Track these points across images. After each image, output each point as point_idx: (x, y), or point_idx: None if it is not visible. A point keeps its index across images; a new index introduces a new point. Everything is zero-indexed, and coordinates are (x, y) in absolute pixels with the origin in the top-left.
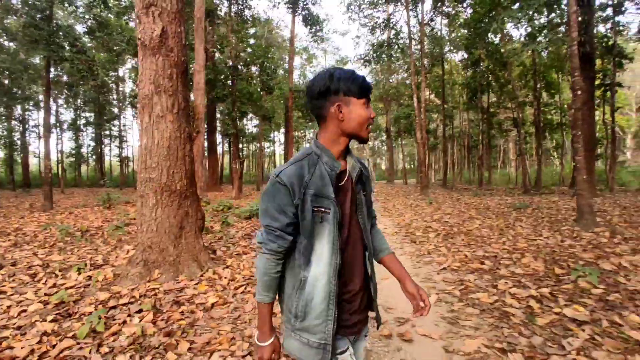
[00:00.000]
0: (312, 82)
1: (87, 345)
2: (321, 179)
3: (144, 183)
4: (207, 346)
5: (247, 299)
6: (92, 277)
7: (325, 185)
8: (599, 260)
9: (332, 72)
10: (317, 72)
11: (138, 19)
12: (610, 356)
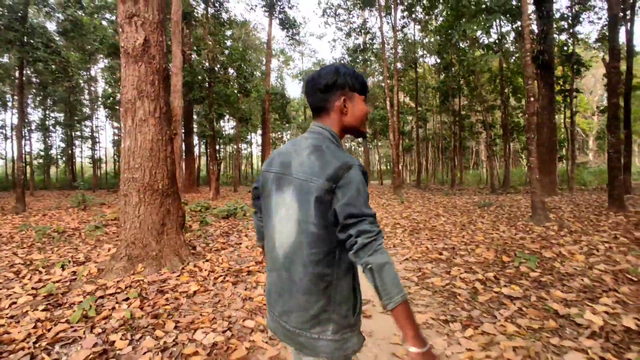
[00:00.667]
0: (317, 75)
1: (81, 328)
2: None
3: (127, 183)
4: (191, 325)
5: (226, 287)
6: (76, 272)
7: None
8: (542, 250)
9: (338, 67)
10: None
11: (121, 27)
12: (531, 322)
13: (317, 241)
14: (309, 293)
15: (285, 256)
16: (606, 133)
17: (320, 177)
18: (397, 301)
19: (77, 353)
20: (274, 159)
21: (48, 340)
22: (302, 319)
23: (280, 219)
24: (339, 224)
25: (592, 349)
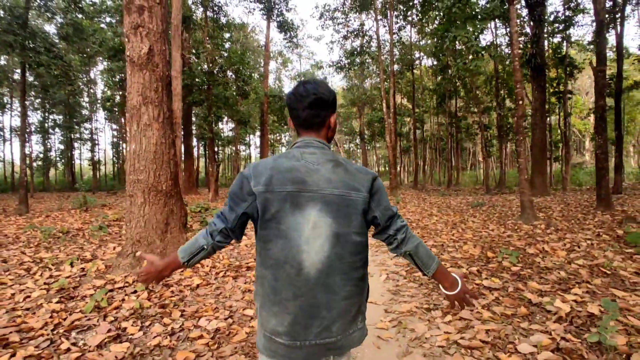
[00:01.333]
0: (322, 90)
1: (94, 317)
2: None
3: (133, 184)
4: (195, 313)
5: (227, 280)
6: (85, 269)
7: None
8: (527, 246)
9: (330, 87)
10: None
11: (127, 37)
12: (505, 309)
13: (360, 248)
14: (351, 297)
15: (318, 273)
16: (594, 135)
17: (360, 190)
18: (434, 268)
19: (93, 337)
20: (274, 177)
21: (65, 327)
22: (346, 323)
23: (307, 238)
24: (380, 226)
25: (555, 331)
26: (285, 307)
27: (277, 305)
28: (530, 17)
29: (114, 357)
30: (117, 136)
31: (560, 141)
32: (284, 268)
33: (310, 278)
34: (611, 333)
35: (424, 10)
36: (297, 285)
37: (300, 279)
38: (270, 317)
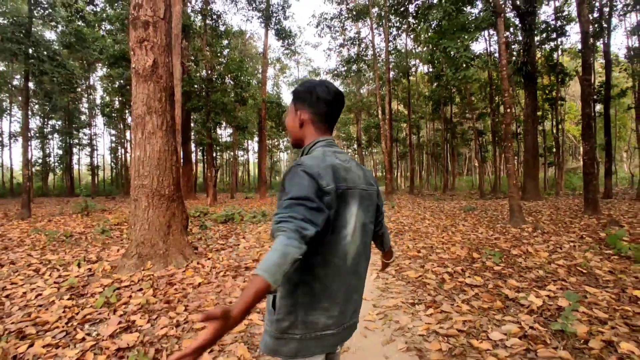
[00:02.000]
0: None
1: (105, 311)
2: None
3: (137, 189)
4: (198, 308)
5: (227, 280)
6: (92, 269)
7: None
8: (512, 248)
9: None
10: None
11: (132, 51)
12: (483, 303)
13: (373, 235)
14: (365, 279)
15: (354, 261)
16: (580, 141)
17: (374, 185)
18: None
19: (105, 329)
20: (333, 175)
21: (78, 320)
22: (361, 304)
23: (352, 229)
24: (378, 217)
25: (525, 321)
26: (334, 299)
27: (327, 300)
28: (521, 26)
29: (126, 345)
30: (116, 142)
31: (554, 147)
32: (334, 262)
33: (349, 266)
34: (572, 322)
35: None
36: (343, 276)
37: (345, 269)
38: (320, 316)
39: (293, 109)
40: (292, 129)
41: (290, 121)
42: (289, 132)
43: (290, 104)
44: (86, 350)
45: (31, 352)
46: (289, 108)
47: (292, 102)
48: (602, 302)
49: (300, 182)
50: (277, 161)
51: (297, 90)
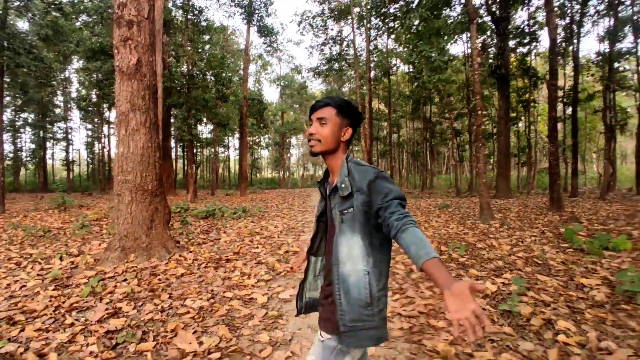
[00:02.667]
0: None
1: (91, 300)
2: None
3: (121, 184)
4: (181, 296)
5: (209, 270)
6: (74, 262)
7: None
8: (477, 242)
9: None
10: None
11: (117, 49)
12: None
13: None
14: None
15: None
16: (547, 143)
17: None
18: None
19: (93, 315)
20: None
21: (65, 308)
22: None
23: None
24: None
25: (478, 304)
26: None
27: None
28: (496, 31)
29: (114, 327)
30: (92, 136)
31: (526, 147)
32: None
33: None
34: (517, 303)
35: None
36: None
37: None
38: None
39: (339, 123)
40: (331, 139)
41: (331, 133)
42: (325, 139)
43: (334, 114)
44: (76, 334)
45: (23, 336)
46: (333, 119)
47: (338, 113)
48: (550, 288)
49: (395, 185)
50: (258, 158)
51: (354, 110)
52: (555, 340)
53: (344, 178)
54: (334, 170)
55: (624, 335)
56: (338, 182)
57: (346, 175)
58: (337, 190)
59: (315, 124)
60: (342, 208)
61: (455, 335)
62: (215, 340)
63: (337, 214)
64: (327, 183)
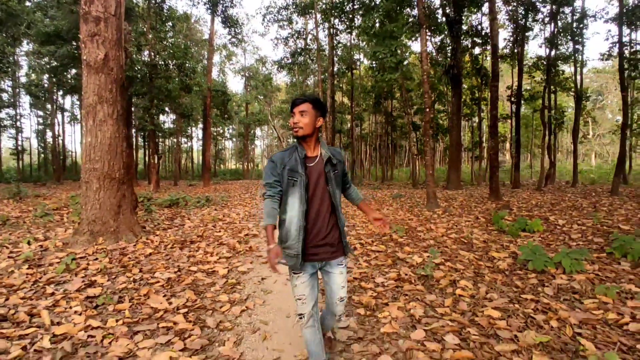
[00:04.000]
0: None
1: (66, 275)
2: (295, 160)
3: (89, 172)
4: (150, 270)
5: (175, 250)
6: (42, 246)
7: (297, 164)
8: (419, 226)
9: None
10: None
11: (84, 44)
12: (378, 262)
13: None
14: None
15: None
16: (488, 138)
17: None
18: (263, 223)
19: (71, 285)
20: None
21: (43, 282)
22: None
23: None
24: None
25: (403, 271)
26: None
27: None
28: (450, 33)
29: (93, 294)
30: (44, 124)
31: (478, 142)
32: None
33: None
34: (431, 268)
35: (358, 25)
36: None
37: None
38: None
39: (314, 114)
40: (310, 126)
41: (310, 121)
42: (306, 126)
43: (311, 109)
44: (58, 300)
45: (10, 303)
46: (310, 111)
47: (313, 107)
48: (465, 260)
49: None
50: (222, 149)
51: (323, 105)
52: (453, 293)
53: (328, 153)
54: (310, 147)
55: (508, 290)
56: (328, 156)
57: (328, 151)
58: (330, 160)
59: (297, 115)
60: (333, 171)
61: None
62: (183, 301)
63: (332, 176)
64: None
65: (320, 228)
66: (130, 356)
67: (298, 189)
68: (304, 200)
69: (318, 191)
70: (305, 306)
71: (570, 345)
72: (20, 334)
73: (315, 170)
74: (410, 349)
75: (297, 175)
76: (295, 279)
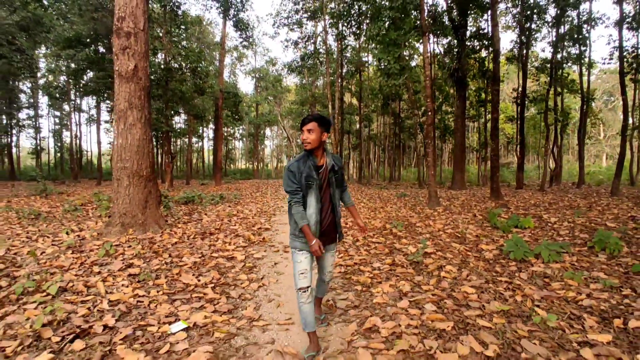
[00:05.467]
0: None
1: (107, 259)
2: (309, 168)
3: (120, 170)
4: (178, 256)
5: (197, 240)
6: (80, 235)
7: (311, 171)
8: (418, 222)
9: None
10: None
11: (116, 56)
12: (377, 251)
13: None
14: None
15: None
16: (489, 140)
17: None
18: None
19: (113, 266)
20: None
21: (88, 264)
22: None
23: None
24: None
25: (397, 258)
26: None
27: None
28: (456, 37)
29: (134, 273)
30: (59, 123)
31: (484, 143)
32: None
33: None
34: (421, 255)
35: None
36: None
37: None
38: None
39: (320, 130)
40: (317, 141)
41: (316, 137)
42: (313, 141)
43: (317, 126)
44: (106, 276)
45: (66, 279)
46: (316, 129)
47: (318, 125)
48: (455, 250)
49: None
50: (232, 149)
51: (327, 121)
52: (439, 275)
53: (333, 161)
54: (318, 156)
55: (488, 274)
56: (332, 164)
57: (332, 160)
58: (334, 168)
59: (305, 132)
60: (335, 176)
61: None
62: (209, 279)
63: (334, 181)
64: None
65: (325, 220)
66: (172, 315)
67: (314, 191)
68: (319, 199)
69: (326, 193)
70: (306, 280)
71: (526, 313)
72: (81, 300)
73: (323, 176)
74: (395, 313)
75: (312, 180)
76: (300, 256)
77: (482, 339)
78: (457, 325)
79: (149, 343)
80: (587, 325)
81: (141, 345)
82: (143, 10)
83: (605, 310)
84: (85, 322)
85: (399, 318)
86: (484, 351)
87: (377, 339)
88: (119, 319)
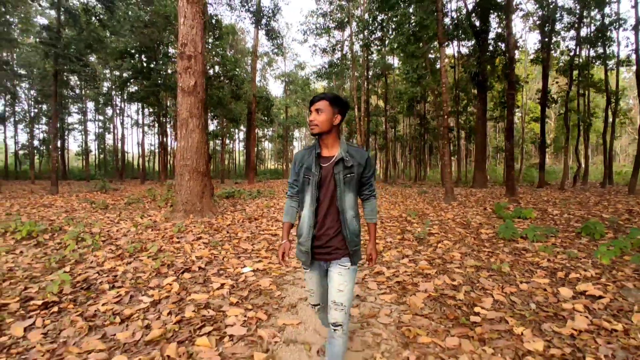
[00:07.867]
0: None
1: (180, 235)
2: (312, 159)
3: (182, 167)
4: (234, 232)
5: (245, 224)
6: (152, 218)
7: (312, 163)
8: (432, 213)
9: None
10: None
11: (179, 75)
12: (391, 232)
13: None
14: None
15: None
16: (504, 140)
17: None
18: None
19: (188, 237)
20: None
21: (167, 238)
22: None
23: None
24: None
25: (406, 237)
26: None
27: None
28: (476, 43)
29: (206, 242)
30: (102, 127)
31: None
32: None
33: None
34: (426, 234)
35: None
36: None
37: None
38: None
39: (331, 111)
40: (326, 123)
41: (326, 119)
42: (321, 123)
43: (328, 106)
44: (182, 245)
45: (154, 249)
46: (326, 109)
47: (330, 105)
48: (457, 233)
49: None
50: (262, 150)
51: (342, 102)
52: (435, 247)
53: (345, 154)
54: (327, 146)
55: (479, 249)
56: (342, 156)
57: (346, 151)
58: (342, 161)
59: (314, 113)
60: (346, 173)
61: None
62: (261, 246)
63: (341, 178)
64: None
65: (327, 230)
66: (240, 265)
67: (311, 187)
68: (315, 199)
69: (328, 192)
70: (313, 299)
71: (493, 267)
72: (175, 256)
73: (328, 170)
74: (397, 266)
75: (311, 174)
76: (305, 274)
77: (454, 277)
78: (439, 272)
79: (229, 277)
80: (535, 276)
81: (225, 278)
82: (201, 36)
83: (556, 268)
84: (185, 265)
85: (399, 268)
86: (452, 282)
87: (381, 278)
88: (206, 266)
